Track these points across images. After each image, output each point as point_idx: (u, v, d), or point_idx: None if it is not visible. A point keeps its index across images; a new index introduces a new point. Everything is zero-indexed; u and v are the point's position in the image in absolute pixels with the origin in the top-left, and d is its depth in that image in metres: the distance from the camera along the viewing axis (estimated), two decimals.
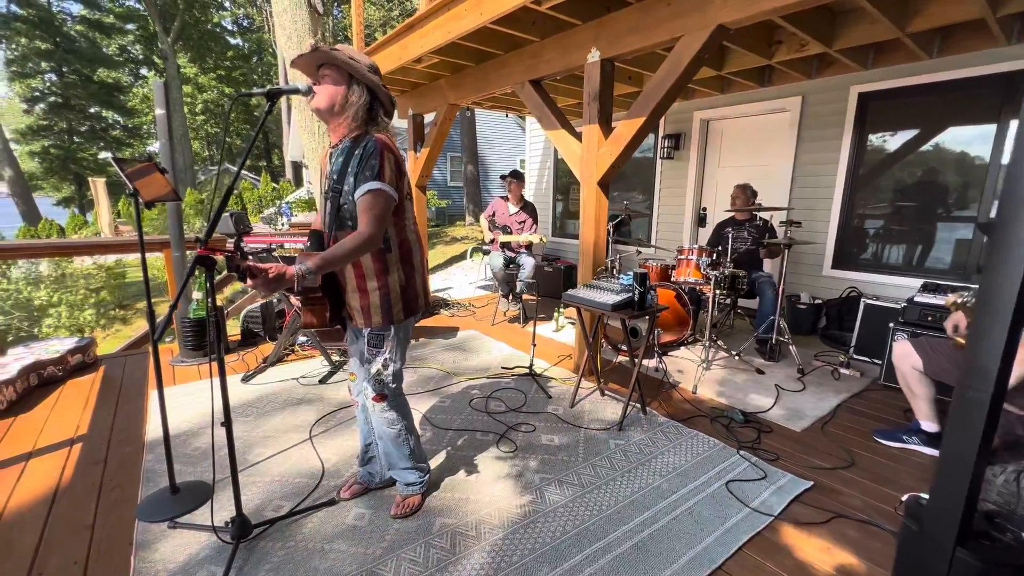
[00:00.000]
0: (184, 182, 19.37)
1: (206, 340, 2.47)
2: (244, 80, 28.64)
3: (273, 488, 2.06)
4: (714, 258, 3.44)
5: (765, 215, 4.03)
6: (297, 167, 20.98)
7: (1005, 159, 3.39)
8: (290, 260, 1.52)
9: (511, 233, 4.51)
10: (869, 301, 3.56)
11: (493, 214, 4.69)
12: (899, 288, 3.85)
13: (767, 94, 4.53)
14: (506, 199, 4.64)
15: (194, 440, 2.46)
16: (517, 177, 4.45)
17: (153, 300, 2.00)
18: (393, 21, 21.64)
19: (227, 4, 26.78)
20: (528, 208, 4.61)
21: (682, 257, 3.56)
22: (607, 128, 3.04)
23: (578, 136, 3.28)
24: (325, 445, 2.41)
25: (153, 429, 2.56)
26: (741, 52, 3.66)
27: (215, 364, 2.79)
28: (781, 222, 3.45)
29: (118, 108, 24.84)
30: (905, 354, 2.37)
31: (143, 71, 26.57)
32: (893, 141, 4.00)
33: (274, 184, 19.96)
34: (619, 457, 2.33)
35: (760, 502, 1.99)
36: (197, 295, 2.26)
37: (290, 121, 20.70)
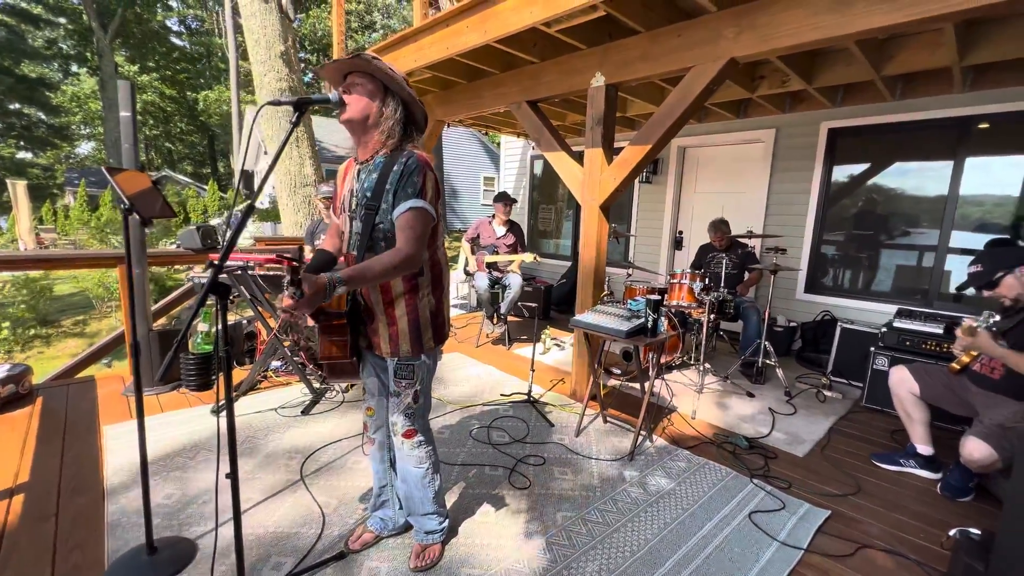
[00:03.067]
0: None
1: (211, 378, 2.17)
2: (190, 83, 27.21)
3: (268, 541, 1.82)
4: (706, 283, 3.50)
5: (748, 244, 4.16)
6: (248, 176, 19.96)
7: (962, 191, 3.70)
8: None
9: (496, 253, 4.42)
10: (846, 326, 3.72)
11: (477, 236, 4.59)
12: (868, 313, 4.07)
13: (743, 125, 4.74)
14: (491, 220, 4.55)
15: (165, 485, 2.15)
16: (505, 200, 4.41)
17: (93, 318, 1.74)
18: (353, 35, 21.32)
19: (173, 3, 25.47)
20: (515, 229, 4.55)
21: (674, 281, 3.59)
22: (610, 152, 3.03)
23: (576, 157, 3.26)
24: (320, 487, 2.18)
25: (113, 473, 2.23)
26: (727, 84, 3.79)
27: (210, 399, 2.51)
28: (768, 249, 3.56)
29: (42, 105, 22.81)
30: (902, 380, 2.46)
31: (74, 67, 24.61)
32: (859, 174, 4.27)
33: (222, 194, 18.89)
34: (637, 490, 2.25)
35: (787, 535, 1.97)
36: (203, 327, 1.97)
37: (241, 128, 19.77)
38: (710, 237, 4.24)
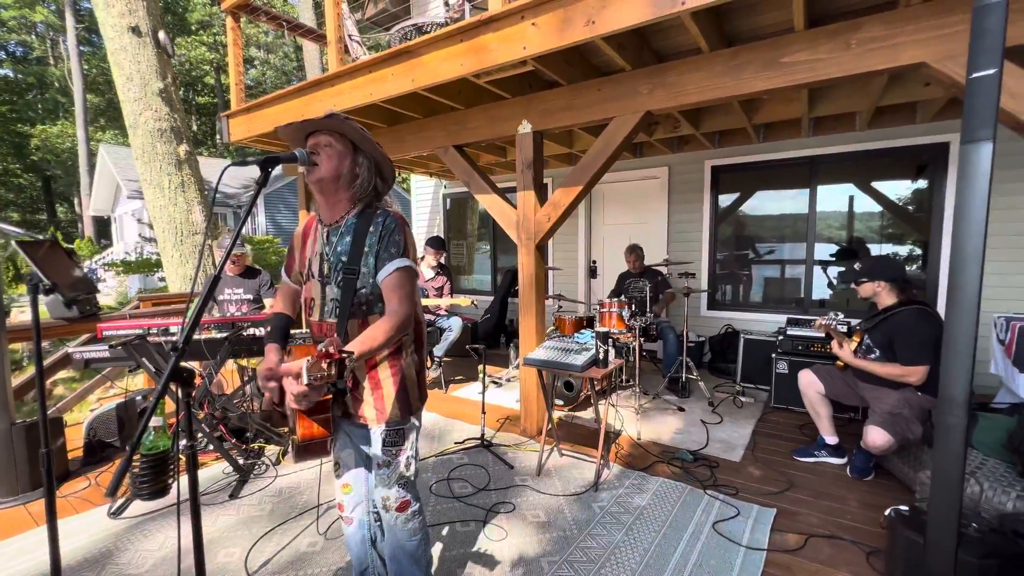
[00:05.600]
0: None
1: (165, 480, 1.75)
2: (17, 116, 23.16)
3: None
4: (633, 309, 3.77)
5: (662, 268, 4.58)
6: (103, 223, 17.29)
7: (819, 208, 4.51)
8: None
9: (427, 297, 4.34)
10: (748, 336, 4.23)
11: None
12: (762, 323, 4.67)
13: (642, 163, 5.27)
14: (419, 263, 4.49)
15: None
16: (437, 246, 4.41)
17: None
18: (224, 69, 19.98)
19: None
20: (445, 272, 4.52)
21: (604, 310, 3.81)
22: (541, 193, 3.19)
23: (505, 196, 3.37)
24: None
25: None
26: None
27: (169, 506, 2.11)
28: (680, 274, 3.96)
29: None
30: (810, 382, 2.85)
31: None
32: (740, 204, 4.97)
33: (67, 244, 16.12)
34: (610, 521, 2.31)
35: (749, 539, 2.14)
36: (155, 422, 1.59)
37: (92, 170, 17.23)
38: (626, 260, 4.57)
